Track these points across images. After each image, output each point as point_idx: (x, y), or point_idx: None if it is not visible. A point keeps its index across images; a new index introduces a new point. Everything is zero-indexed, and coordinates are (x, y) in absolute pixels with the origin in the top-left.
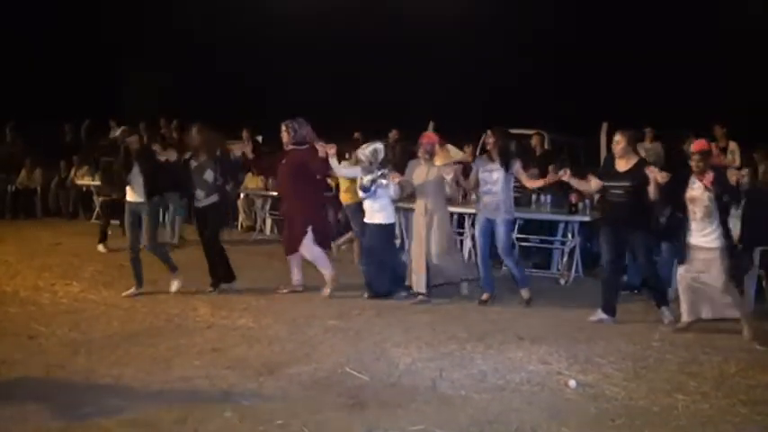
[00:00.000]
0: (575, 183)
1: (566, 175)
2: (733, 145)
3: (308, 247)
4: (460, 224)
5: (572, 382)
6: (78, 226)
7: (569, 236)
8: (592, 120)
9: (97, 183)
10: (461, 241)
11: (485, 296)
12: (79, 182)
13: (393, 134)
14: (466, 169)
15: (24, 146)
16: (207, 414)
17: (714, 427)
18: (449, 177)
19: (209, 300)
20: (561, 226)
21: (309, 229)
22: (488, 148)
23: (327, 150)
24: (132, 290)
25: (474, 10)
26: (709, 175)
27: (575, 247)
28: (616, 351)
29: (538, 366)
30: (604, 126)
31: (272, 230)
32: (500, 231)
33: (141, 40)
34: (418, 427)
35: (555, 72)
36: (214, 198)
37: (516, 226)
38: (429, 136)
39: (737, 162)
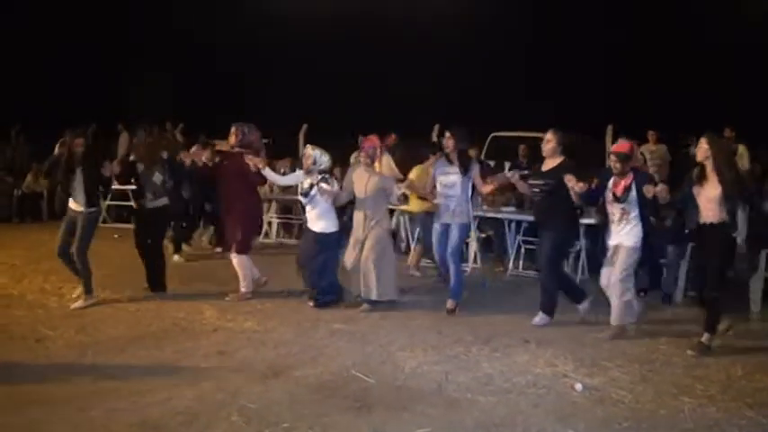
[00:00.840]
0: (519, 185)
1: (513, 178)
2: (742, 148)
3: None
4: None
5: (578, 386)
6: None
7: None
8: (599, 122)
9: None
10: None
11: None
12: None
13: (391, 138)
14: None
15: (30, 150)
16: (213, 417)
17: (721, 430)
18: (398, 192)
19: (215, 303)
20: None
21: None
22: (447, 150)
23: (257, 164)
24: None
25: (475, 10)
26: (625, 181)
27: (580, 249)
28: (622, 354)
29: (544, 369)
30: (609, 129)
31: (277, 234)
32: (453, 234)
33: (146, 46)
34: (424, 429)
35: (560, 74)
36: (164, 201)
37: (522, 229)
38: (372, 139)
39: (746, 165)
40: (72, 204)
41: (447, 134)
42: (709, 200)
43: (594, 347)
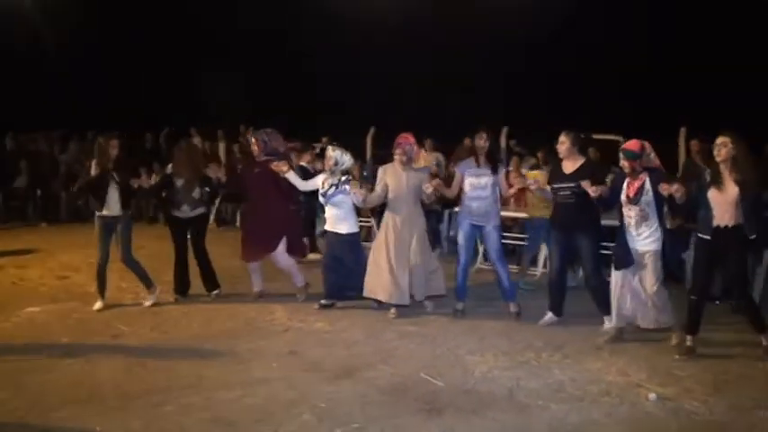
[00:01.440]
0: (539, 193)
1: (534, 186)
2: None
3: (282, 257)
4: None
5: (652, 396)
6: (158, 230)
7: None
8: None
9: None
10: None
11: (459, 306)
12: None
13: (427, 143)
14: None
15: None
16: (285, 415)
17: None
18: (429, 191)
19: (286, 304)
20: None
21: (284, 240)
22: (478, 151)
23: (281, 169)
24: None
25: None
26: (638, 182)
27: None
28: (696, 364)
29: (617, 378)
30: (682, 131)
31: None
32: (493, 237)
33: (220, 50)
34: None
35: (633, 75)
36: (201, 210)
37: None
38: (406, 137)
39: None
40: (105, 210)
41: (483, 135)
42: (727, 202)
43: (668, 357)
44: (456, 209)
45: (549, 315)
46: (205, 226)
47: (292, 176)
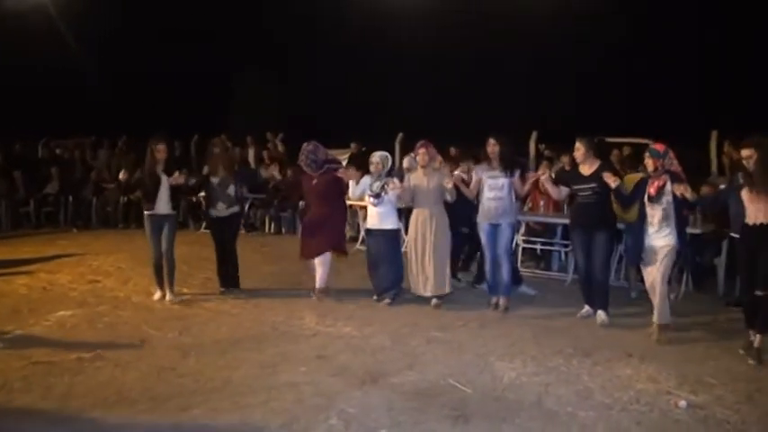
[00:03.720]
0: (548, 187)
1: (543, 176)
2: None
3: (326, 256)
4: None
5: (682, 403)
6: (187, 236)
7: None
8: (701, 129)
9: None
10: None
11: (494, 300)
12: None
13: (452, 152)
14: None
15: (136, 159)
16: (313, 420)
17: None
18: (449, 186)
19: (314, 308)
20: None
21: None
22: (490, 156)
23: (350, 177)
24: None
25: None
26: (660, 181)
27: (685, 260)
28: (727, 371)
29: (647, 385)
30: (714, 135)
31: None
32: (505, 234)
33: (250, 57)
34: None
35: (664, 78)
36: (235, 209)
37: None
38: (425, 143)
39: None
40: (155, 210)
41: (492, 141)
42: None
43: (699, 363)
44: None
45: (586, 308)
46: (238, 226)
47: (352, 186)
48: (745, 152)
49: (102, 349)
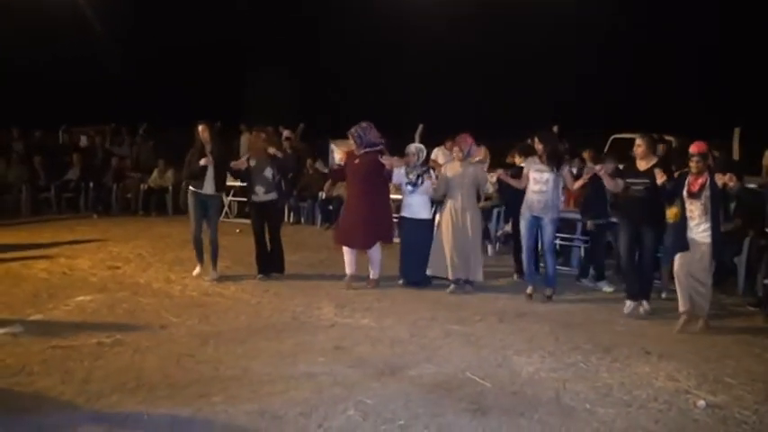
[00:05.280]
0: (606, 180)
1: (602, 171)
2: None
3: (375, 250)
4: None
5: (701, 403)
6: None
7: None
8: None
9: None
10: None
11: (529, 290)
12: None
13: (449, 144)
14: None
15: (157, 147)
16: (330, 410)
17: None
18: (493, 179)
19: (333, 299)
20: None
21: (385, 231)
22: (538, 153)
23: (392, 163)
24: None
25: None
26: (702, 179)
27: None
28: (747, 371)
29: (665, 383)
30: (737, 131)
31: None
32: (547, 229)
33: (270, 48)
34: None
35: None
36: (273, 195)
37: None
38: (465, 137)
39: None
40: (202, 189)
41: (535, 138)
42: None
43: (718, 363)
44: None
45: (629, 303)
46: (279, 213)
47: (396, 172)
48: None
49: (122, 335)
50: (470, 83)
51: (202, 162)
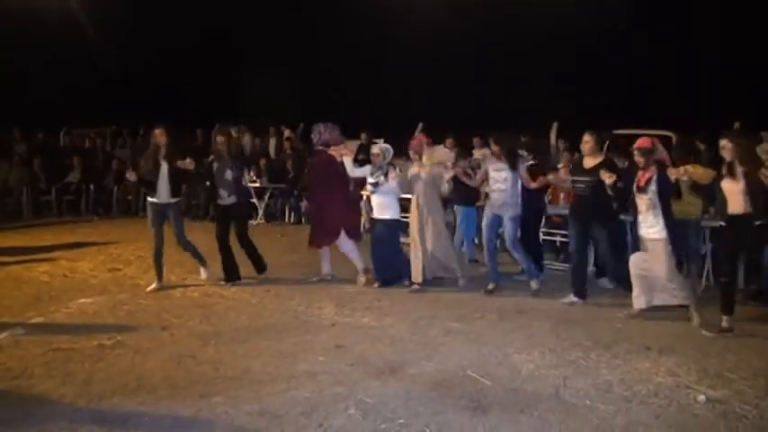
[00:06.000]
0: (558, 180)
1: (554, 179)
2: None
3: (344, 242)
4: None
5: (701, 398)
6: (208, 225)
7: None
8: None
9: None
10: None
11: (490, 286)
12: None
13: (449, 142)
14: None
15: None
16: (331, 409)
17: None
18: (448, 176)
19: (334, 298)
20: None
21: (342, 225)
22: (494, 153)
23: (340, 153)
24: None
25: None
26: (649, 173)
27: (705, 254)
28: (747, 366)
29: (666, 379)
30: (736, 126)
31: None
32: (507, 227)
33: (270, 48)
34: None
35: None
36: (234, 198)
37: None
38: (418, 138)
39: None
40: (157, 197)
41: (491, 141)
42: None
43: (718, 358)
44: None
45: (571, 297)
46: (243, 216)
47: (347, 161)
48: (722, 142)
49: (123, 336)
50: (470, 83)
51: (180, 165)
